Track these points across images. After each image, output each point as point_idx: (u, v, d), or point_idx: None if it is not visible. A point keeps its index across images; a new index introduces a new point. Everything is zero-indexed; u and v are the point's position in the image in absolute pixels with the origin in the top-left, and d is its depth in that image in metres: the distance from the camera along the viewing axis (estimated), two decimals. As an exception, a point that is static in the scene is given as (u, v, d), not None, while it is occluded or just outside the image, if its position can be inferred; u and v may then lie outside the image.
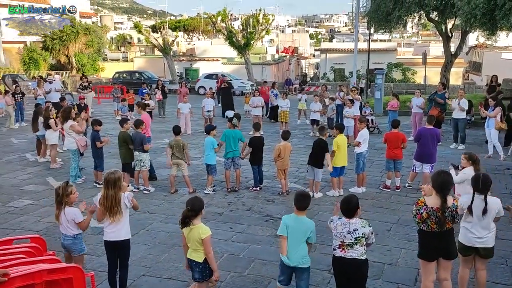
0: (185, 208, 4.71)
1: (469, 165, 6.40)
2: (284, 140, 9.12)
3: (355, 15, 21.41)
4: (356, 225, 4.54)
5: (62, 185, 5.27)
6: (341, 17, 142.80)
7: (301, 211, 4.83)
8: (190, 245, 4.76)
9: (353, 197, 4.70)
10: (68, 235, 5.25)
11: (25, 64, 37.92)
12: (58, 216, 5.23)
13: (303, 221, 4.80)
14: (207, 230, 4.70)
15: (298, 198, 4.86)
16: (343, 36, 65.03)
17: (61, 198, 5.19)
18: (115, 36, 68.88)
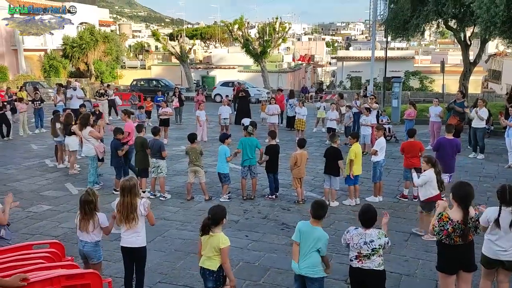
0: (207, 216, 4.72)
1: (429, 167, 7.10)
2: (300, 148, 9.10)
3: (372, 23, 21.34)
4: (372, 236, 4.49)
5: (90, 192, 5.25)
6: (358, 25, 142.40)
7: (317, 220, 4.79)
8: (204, 253, 4.73)
9: (371, 207, 4.66)
10: (90, 242, 5.23)
11: (46, 72, 38.63)
12: (88, 223, 5.17)
13: (316, 231, 4.75)
14: (227, 240, 4.68)
15: (314, 206, 4.83)
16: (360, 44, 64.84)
17: (95, 204, 5.19)
18: (133, 44, 69.83)
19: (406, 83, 30.31)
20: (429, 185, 7.09)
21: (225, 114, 16.59)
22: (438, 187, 7.13)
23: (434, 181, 7.11)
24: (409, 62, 37.80)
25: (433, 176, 7.07)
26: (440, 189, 7.15)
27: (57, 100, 18.42)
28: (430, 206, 7.06)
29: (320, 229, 4.79)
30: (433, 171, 7.07)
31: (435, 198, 6.96)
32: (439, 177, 7.14)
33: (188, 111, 21.28)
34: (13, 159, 13.37)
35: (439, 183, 7.12)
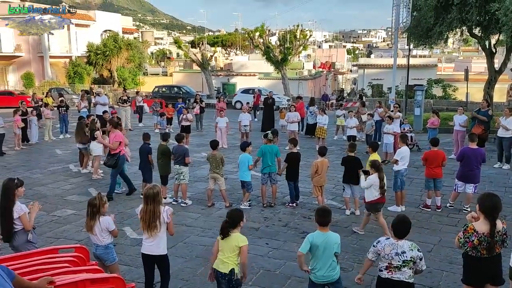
0: (225, 219, 4.84)
1: (373, 172, 7.56)
2: (321, 156, 9.07)
3: (395, 31, 21.17)
4: (404, 247, 4.43)
5: (98, 196, 5.41)
6: (379, 32, 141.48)
7: (324, 227, 4.81)
8: (221, 255, 4.82)
9: (406, 218, 4.59)
10: (101, 245, 5.35)
11: (70, 78, 39.49)
12: (93, 227, 5.31)
13: (331, 237, 4.79)
14: (244, 239, 4.82)
15: (320, 214, 4.84)
16: (381, 52, 64.36)
17: (98, 208, 5.30)
18: (155, 51, 70.93)
19: (429, 91, 29.97)
20: (373, 188, 7.54)
21: (245, 121, 16.64)
22: (380, 191, 7.54)
23: (378, 184, 7.54)
24: (432, 70, 37.35)
25: (377, 180, 7.51)
26: (381, 193, 7.57)
27: (81, 106, 18.78)
28: (374, 208, 7.67)
29: (331, 232, 4.85)
30: (377, 175, 7.51)
31: (378, 200, 7.59)
32: (383, 182, 7.55)
33: (209, 118, 21.44)
34: (39, 163, 13.67)
35: (381, 188, 7.53)
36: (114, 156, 9.96)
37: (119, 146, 9.96)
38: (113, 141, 9.98)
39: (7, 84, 39.85)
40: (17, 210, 5.21)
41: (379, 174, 7.54)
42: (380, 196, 7.58)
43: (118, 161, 9.95)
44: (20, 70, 39.94)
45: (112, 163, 9.95)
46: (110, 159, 10.01)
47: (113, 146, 9.93)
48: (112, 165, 9.98)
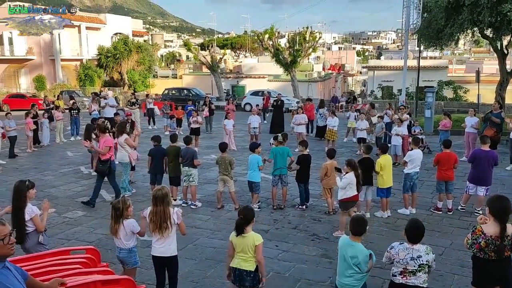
0: (238, 217, 4.84)
1: (350, 170, 7.68)
2: (330, 159, 9.04)
3: (405, 32, 21.05)
4: (420, 251, 4.37)
5: (121, 199, 5.41)
6: (389, 34, 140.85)
7: (356, 237, 4.69)
8: (239, 255, 4.83)
9: (419, 222, 4.52)
10: (124, 248, 5.36)
11: (81, 81, 39.83)
12: (117, 231, 5.30)
13: (355, 249, 4.63)
14: (260, 237, 4.84)
15: (354, 223, 4.72)
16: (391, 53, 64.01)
17: (121, 212, 5.30)
18: (165, 54, 71.27)
19: (440, 93, 29.69)
20: (349, 187, 7.72)
21: (254, 124, 16.66)
22: (357, 189, 7.83)
23: (354, 183, 7.71)
24: (443, 72, 37.03)
25: (353, 178, 7.69)
26: (357, 190, 7.85)
27: (92, 108, 18.93)
28: (345, 206, 7.87)
29: (360, 245, 4.66)
30: (353, 174, 7.69)
31: (351, 198, 7.80)
32: (359, 179, 7.76)
33: (218, 120, 21.49)
34: (50, 165, 13.79)
35: (358, 185, 7.79)
36: (105, 162, 9.64)
37: (109, 152, 9.64)
38: (103, 146, 9.67)
39: (19, 87, 40.32)
40: (28, 212, 5.26)
41: (355, 172, 7.71)
42: (355, 193, 7.81)
43: (110, 166, 9.68)
44: (32, 73, 40.40)
45: (105, 169, 9.66)
46: (102, 166, 9.66)
47: (103, 152, 9.58)
48: (106, 171, 9.69)
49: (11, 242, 2.99)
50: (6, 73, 41.06)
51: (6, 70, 41.02)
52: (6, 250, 2.99)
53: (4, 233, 2.95)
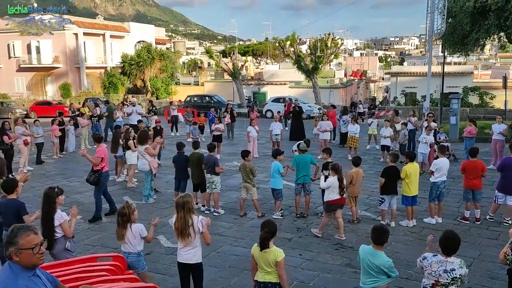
0: (262, 230, 4.78)
1: (333, 174, 7.96)
2: (355, 166, 8.95)
3: (429, 38, 20.76)
4: (454, 264, 4.25)
5: (126, 205, 5.52)
6: (412, 40, 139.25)
7: (379, 246, 4.67)
8: (261, 268, 4.79)
9: (455, 234, 4.40)
10: (133, 252, 5.44)
11: (105, 88, 40.54)
12: (124, 235, 5.41)
13: (378, 257, 4.62)
14: (282, 252, 4.78)
15: (375, 232, 4.70)
16: (414, 59, 63.23)
17: (128, 217, 5.40)
18: (187, 61, 72.02)
19: (465, 99, 29.19)
20: (331, 189, 7.97)
21: (276, 130, 16.63)
22: (339, 192, 7.97)
23: (337, 186, 7.90)
24: (468, 77, 36.39)
25: (336, 182, 7.90)
26: (340, 194, 8.00)
27: (116, 115, 19.22)
28: (328, 208, 8.14)
29: (383, 255, 4.65)
30: (337, 177, 7.90)
31: (335, 201, 8.00)
32: (342, 183, 7.94)
33: (240, 127, 21.56)
34: (75, 172, 14.03)
35: (340, 189, 7.94)
36: (96, 172, 9.30)
37: (101, 163, 9.30)
38: (95, 156, 9.36)
39: (45, 94, 41.29)
40: (58, 218, 5.36)
41: (339, 176, 7.91)
42: (339, 197, 7.98)
43: (100, 178, 9.33)
44: (58, 80, 41.34)
45: (93, 180, 9.31)
46: (91, 176, 9.35)
47: (94, 162, 9.21)
48: (94, 182, 9.35)
49: (41, 251, 3.02)
50: (33, 81, 42.14)
51: (33, 78, 42.10)
52: (36, 260, 3.02)
53: (35, 242, 2.98)
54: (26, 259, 2.96)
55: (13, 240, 2.95)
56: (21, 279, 2.92)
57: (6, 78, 42.32)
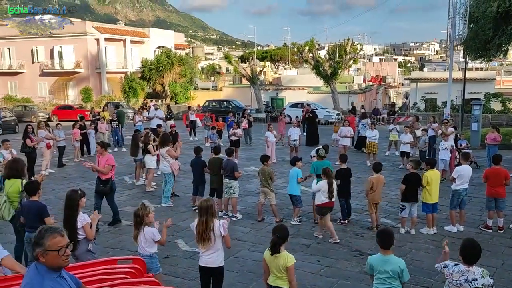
0: (274, 235, 4.78)
1: (325, 178, 8.22)
2: (376, 173, 8.86)
3: (450, 43, 20.52)
4: (476, 274, 4.14)
5: (140, 207, 5.58)
6: (432, 45, 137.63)
7: (386, 250, 4.65)
8: (273, 273, 4.81)
9: (475, 243, 4.30)
10: (146, 254, 5.49)
11: (125, 93, 41.08)
12: (137, 237, 5.51)
13: (392, 261, 4.60)
14: (292, 258, 4.78)
15: (382, 237, 4.69)
16: (435, 65, 62.44)
17: (141, 218, 5.47)
18: (205, 66, 72.51)
19: (487, 106, 28.69)
20: (321, 193, 8.19)
21: (294, 136, 16.60)
22: (329, 196, 8.17)
23: (326, 190, 8.12)
24: (490, 83, 35.75)
25: (326, 186, 8.13)
26: (329, 198, 8.18)
27: (136, 120, 19.45)
28: (320, 211, 8.34)
29: (394, 256, 4.66)
30: (326, 181, 8.14)
31: (325, 205, 8.19)
32: (331, 188, 8.13)
33: (257, 132, 21.59)
34: (96, 175, 14.14)
35: (329, 193, 8.13)
36: (106, 182, 9.01)
37: (110, 171, 9.05)
38: (104, 164, 8.98)
39: (67, 99, 42.05)
40: (80, 220, 5.46)
41: (328, 180, 8.13)
42: (328, 200, 8.16)
43: (112, 186, 9.15)
44: (79, 85, 42.07)
45: (107, 190, 9.06)
46: (103, 186, 9.02)
47: (105, 170, 8.91)
48: (106, 191, 9.11)
49: (66, 254, 3.07)
50: (55, 85, 42.96)
51: (55, 83, 42.93)
52: (61, 262, 3.07)
53: (61, 244, 3.04)
54: (52, 261, 3.02)
55: (40, 241, 3.01)
56: (47, 280, 2.98)
57: (29, 82, 43.27)
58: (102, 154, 9.23)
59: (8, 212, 6.72)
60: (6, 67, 44.07)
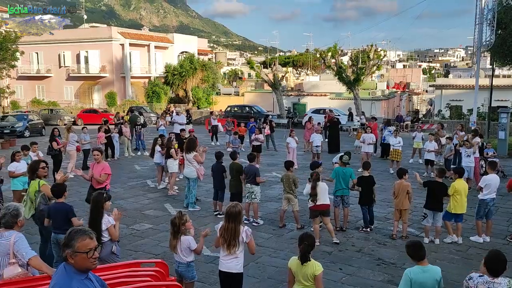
0: (302, 243, 4.73)
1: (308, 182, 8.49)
2: (399, 178, 8.74)
3: (477, 50, 20.14)
4: (501, 285, 4.04)
5: (177, 215, 5.59)
6: (458, 51, 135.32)
7: (423, 261, 4.56)
8: (299, 282, 4.73)
9: (500, 254, 4.20)
10: (183, 262, 5.52)
11: (149, 97, 41.63)
12: (176, 246, 5.51)
13: (432, 271, 4.54)
14: (320, 266, 4.72)
15: (413, 250, 4.62)
16: (460, 71, 61.37)
17: (178, 227, 5.49)
18: (227, 72, 72.87)
19: (514, 113, 28.05)
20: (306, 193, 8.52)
21: (317, 142, 16.53)
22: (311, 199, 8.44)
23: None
24: (518, 91, 34.92)
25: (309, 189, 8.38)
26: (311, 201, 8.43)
27: (159, 124, 19.67)
28: (311, 213, 8.60)
29: (432, 266, 4.59)
30: (310, 185, 8.39)
31: (314, 208, 8.41)
32: (313, 190, 8.34)
33: (278, 138, 21.56)
34: (119, 178, 14.42)
35: (312, 196, 8.37)
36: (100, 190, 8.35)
37: (106, 180, 8.73)
38: (100, 173, 8.64)
39: (92, 103, 42.85)
40: (105, 222, 5.54)
41: (312, 183, 8.32)
42: (313, 204, 8.36)
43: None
44: (104, 89, 42.83)
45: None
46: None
47: (102, 179, 8.63)
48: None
49: (94, 256, 3.13)
50: (81, 90, 43.85)
51: (81, 87, 43.82)
52: (89, 264, 3.12)
53: (90, 247, 3.09)
54: (80, 262, 3.07)
55: (70, 243, 3.07)
56: (75, 281, 3.04)
57: (56, 86, 44.28)
58: (99, 162, 8.89)
59: (28, 211, 7.05)
60: (34, 71, 45.23)
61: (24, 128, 26.14)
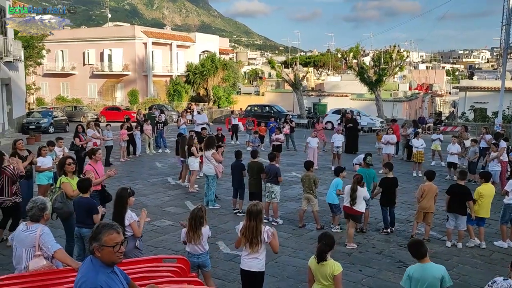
0: (320, 243, 4.74)
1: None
2: (429, 180, 8.60)
3: (503, 51, 19.73)
4: None
5: (202, 208, 5.70)
6: (483, 53, 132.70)
7: (422, 259, 4.63)
8: (319, 281, 4.74)
9: None
10: (204, 252, 5.68)
11: (170, 96, 42.02)
12: (198, 237, 5.57)
13: (430, 268, 4.57)
14: (339, 266, 4.72)
15: (413, 248, 4.73)
16: (485, 73, 60.19)
17: (204, 219, 5.61)
18: (248, 71, 73.00)
19: (541, 116, 27.34)
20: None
21: (338, 143, 16.41)
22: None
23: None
24: (545, 94, 34.05)
25: None
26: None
27: (181, 122, 19.84)
28: (345, 214, 8.61)
29: (433, 264, 4.64)
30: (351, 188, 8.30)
31: (348, 210, 8.36)
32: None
33: (298, 138, 21.51)
34: (141, 175, 14.61)
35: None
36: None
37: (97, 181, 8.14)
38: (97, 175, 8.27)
39: (115, 100, 43.50)
40: (128, 218, 5.63)
41: (353, 186, 8.26)
42: (349, 205, 8.34)
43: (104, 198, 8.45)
44: (127, 87, 43.42)
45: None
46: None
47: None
48: None
49: (121, 250, 3.19)
50: (104, 87, 44.55)
51: (104, 85, 44.52)
52: (115, 258, 3.18)
53: (116, 241, 3.16)
54: (106, 256, 3.14)
55: (97, 237, 3.14)
56: (101, 274, 3.10)
57: (80, 84, 45.08)
58: (97, 161, 8.62)
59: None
60: (59, 68, 46.14)
61: (49, 124, 26.74)
